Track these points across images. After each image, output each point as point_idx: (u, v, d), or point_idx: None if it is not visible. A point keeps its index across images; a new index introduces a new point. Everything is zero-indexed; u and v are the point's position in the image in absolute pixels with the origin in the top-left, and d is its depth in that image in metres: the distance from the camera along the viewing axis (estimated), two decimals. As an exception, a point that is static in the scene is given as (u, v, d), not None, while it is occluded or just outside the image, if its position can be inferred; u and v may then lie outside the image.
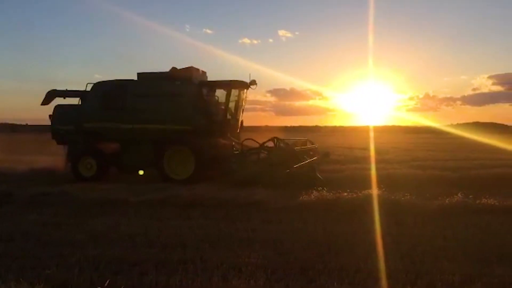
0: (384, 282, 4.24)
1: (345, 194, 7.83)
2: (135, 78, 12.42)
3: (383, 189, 8.42)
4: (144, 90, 12.29)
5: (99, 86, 12.72)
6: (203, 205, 7.81)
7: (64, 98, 13.78)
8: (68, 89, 13.79)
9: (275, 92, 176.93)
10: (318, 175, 10.75)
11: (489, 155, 17.37)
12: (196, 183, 10.43)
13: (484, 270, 4.51)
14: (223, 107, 12.61)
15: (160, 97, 12.08)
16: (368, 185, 9.26)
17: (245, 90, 13.03)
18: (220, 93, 12.85)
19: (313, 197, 7.87)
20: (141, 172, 12.35)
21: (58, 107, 13.38)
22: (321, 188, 8.48)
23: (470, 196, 7.64)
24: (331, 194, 7.90)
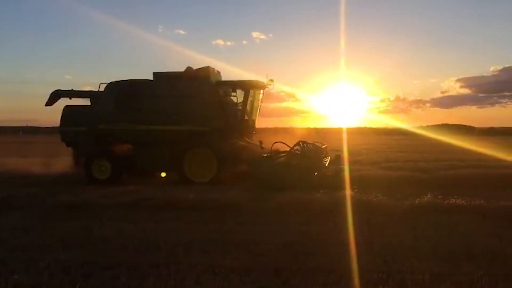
0: (356, 281, 4.30)
1: (319, 195, 7.90)
2: (113, 78, 12.45)
3: (356, 190, 8.56)
4: (160, 91, 11.96)
5: (113, 86, 12.31)
6: (177, 207, 7.73)
7: (70, 98, 13.39)
8: (74, 89, 13.44)
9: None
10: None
11: (457, 156, 17.85)
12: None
13: (453, 269, 4.64)
14: (239, 107, 12.40)
15: (177, 97, 11.81)
16: (342, 186, 9.41)
17: (261, 90, 12.82)
18: (235, 94, 12.67)
19: (287, 198, 7.90)
20: (163, 174, 12.08)
21: (67, 108, 12.92)
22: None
23: (440, 196, 7.84)
24: (305, 195, 7.95)
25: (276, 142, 11.92)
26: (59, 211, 7.80)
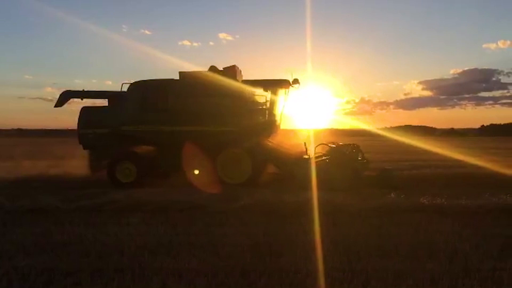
0: (322, 281, 4.35)
1: (286, 196, 7.94)
2: (77, 78, 11.99)
3: (323, 191, 8.66)
4: (188, 90, 11.55)
5: (138, 86, 11.82)
6: (142, 210, 7.58)
7: (82, 99, 12.81)
8: (85, 89, 12.82)
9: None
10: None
11: (419, 157, 18.40)
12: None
13: (415, 266, 4.76)
14: (265, 107, 12.18)
15: (206, 97, 11.49)
16: (308, 187, 9.51)
17: (287, 90, 12.50)
18: (261, 93, 12.37)
19: (255, 199, 7.90)
20: (196, 172, 11.53)
21: (85, 110, 12.33)
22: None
23: (402, 196, 8.04)
24: (273, 196, 7.98)
25: (320, 144, 12.10)
26: (18, 216, 7.50)
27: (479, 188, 9.42)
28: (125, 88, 11.96)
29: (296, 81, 12.02)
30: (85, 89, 12.86)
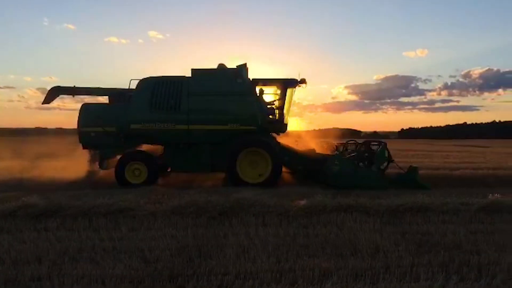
0: (250, 282, 4.35)
1: (215, 197, 7.88)
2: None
3: (253, 191, 8.71)
4: (202, 88, 11.24)
5: (147, 84, 11.30)
6: (62, 215, 7.10)
7: (73, 96, 12.31)
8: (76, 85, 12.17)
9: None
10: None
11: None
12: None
13: (340, 264, 4.92)
14: (274, 106, 12.18)
15: (221, 95, 11.24)
16: (238, 188, 9.53)
17: (294, 89, 12.33)
18: (271, 91, 12.54)
19: (184, 201, 7.74)
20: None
21: (86, 107, 11.64)
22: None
23: (328, 196, 8.31)
24: (202, 198, 7.87)
25: (348, 141, 12.38)
26: None
27: (399, 189, 10.03)
28: (133, 85, 11.64)
29: (303, 80, 12.08)
30: (76, 85, 12.36)
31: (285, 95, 12.11)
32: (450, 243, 5.78)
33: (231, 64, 11.94)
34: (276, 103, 12.36)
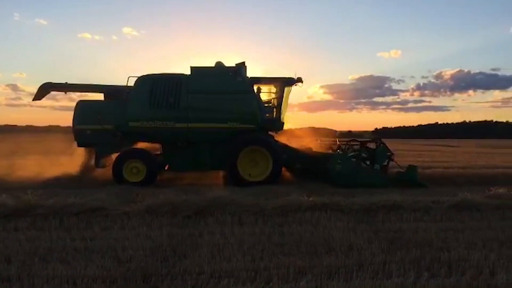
0: (225, 281, 4.33)
1: (191, 196, 7.83)
2: None
3: (229, 190, 8.69)
4: (201, 86, 11.17)
5: (145, 81, 11.16)
6: (32, 214, 6.91)
7: (66, 93, 12.00)
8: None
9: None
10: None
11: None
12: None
13: (314, 262, 4.96)
14: (272, 104, 12.27)
15: (221, 94, 11.22)
16: (214, 187, 9.50)
17: (290, 88, 12.33)
18: (269, 90, 12.65)
19: (158, 200, 7.66)
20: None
21: (82, 104, 11.38)
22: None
23: (304, 195, 8.35)
24: (177, 196, 7.81)
25: (352, 140, 12.57)
26: None
27: (373, 187, 10.17)
28: (130, 82, 11.48)
29: (299, 79, 12.16)
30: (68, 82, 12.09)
31: (283, 93, 12.24)
32: (422, 240, 5.91)
33: (206, 60, 12.12)
34: (274, 101, 12.48)
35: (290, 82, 12.14)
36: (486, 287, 4.30)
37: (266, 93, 12.67)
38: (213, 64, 11.99)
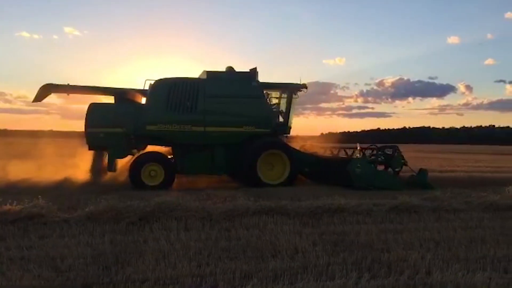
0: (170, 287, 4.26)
1: (135, 202, 7.62)
2: None
3: (175, 195, 8.55)
4: (218, 90, 11.25)
5: (163, 85, 11.14)
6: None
7: (68, 94, 11.74)
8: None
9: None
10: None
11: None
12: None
13: (260, 266, 4.99)
14: (281, 109, 12.72)
15: (237, 98, 11.38)
16: (160, 192, 9.33)
17: (297, 94, 12.71)
18: (278, 95, 13.04)
19: (101, 206, 7.40)
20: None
21: (95, 107, 11.10)
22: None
23: (251, 199, 8.40)
24: (120, 202, 7.59)
25: (370, 145, 13.02)
26: None
27: (318, 191, 10.41)
28: (142, 86, 11.66)
29: (304, 85, 12.65)
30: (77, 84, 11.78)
31: (291, 99, 12.72)
32: (363, 242, 6.11)
33: (151, 62, 12.40)
34: (281, 106, 12.98)
35: (296, 88, 12.73)
36: (423, 286, 4.50)
37: (278, 98, 13.23)
38: (160, 65, 12.31)
